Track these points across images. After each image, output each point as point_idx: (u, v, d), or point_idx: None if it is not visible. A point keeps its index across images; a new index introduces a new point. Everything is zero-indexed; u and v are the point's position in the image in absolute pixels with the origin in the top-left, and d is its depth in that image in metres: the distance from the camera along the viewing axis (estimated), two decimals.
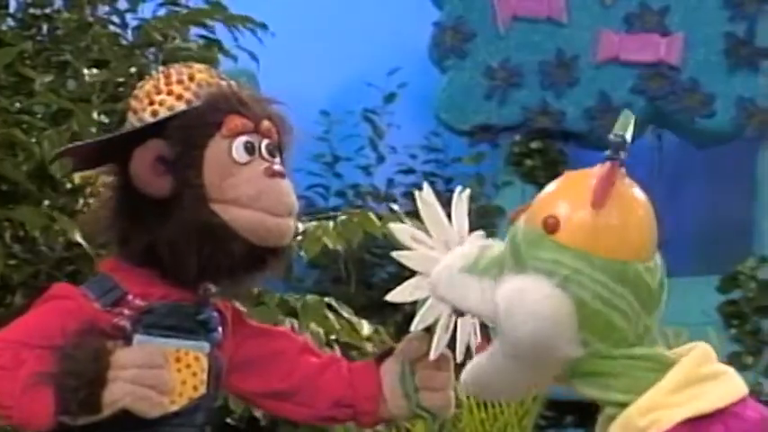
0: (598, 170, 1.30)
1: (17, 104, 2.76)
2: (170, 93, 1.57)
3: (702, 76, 5.51)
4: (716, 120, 5.52)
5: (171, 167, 1.55)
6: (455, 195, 1.57)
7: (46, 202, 2.71)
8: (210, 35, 2.96)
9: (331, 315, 2.77)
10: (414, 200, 1.66)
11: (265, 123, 1.60)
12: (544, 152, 5.54)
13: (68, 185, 2.79)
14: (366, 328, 2.84)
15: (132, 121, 1.61)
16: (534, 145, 5.51)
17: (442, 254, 1.51)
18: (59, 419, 1.49)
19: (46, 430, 1.50)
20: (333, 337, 2.72)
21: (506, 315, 1.22)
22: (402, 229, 1.62)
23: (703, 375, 1.22)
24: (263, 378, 1.68)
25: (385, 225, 2.80)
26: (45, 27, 3.05)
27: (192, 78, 1.58)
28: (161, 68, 1.64)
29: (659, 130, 5.83)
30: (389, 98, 5.72)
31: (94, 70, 2.83)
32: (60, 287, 1.63)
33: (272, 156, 1.60)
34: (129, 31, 3.03)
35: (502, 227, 5.77)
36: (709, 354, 1.26)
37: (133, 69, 2.86)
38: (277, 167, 1.59)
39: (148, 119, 1.57)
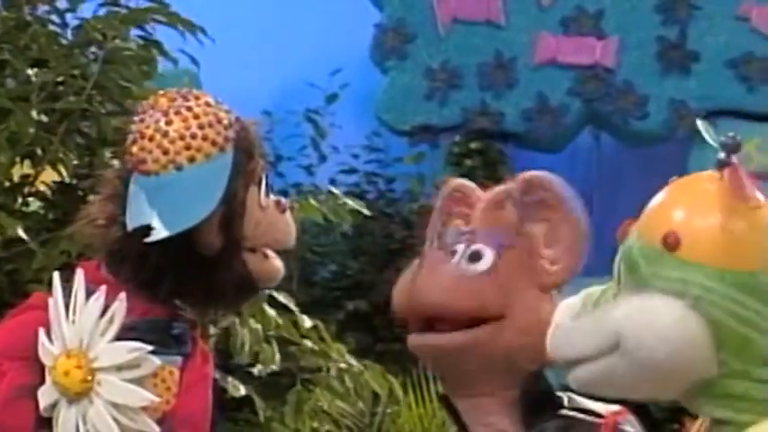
0: (710, 175, 1.17)
1: None
2: (205, 138, 1.57)
3: (636, 78, 5.64)
4: (649, 121, 5.66)
5: (224, 225, 1.57)
6: (90, 301, 1.54)
7: None
8: (150, 36, 2.97)
9: (272, 310, 2.80)
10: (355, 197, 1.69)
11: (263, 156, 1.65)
12: (483, 152, 5.62)
13: (7, 183, 2.78)
14: (307, 322, 2.87)
15: (159, 161, 1.57)
16: (474, 145, 5.59)
17: (57, 349, 1.53)
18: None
19: None
20: (270, 333, 2.76)
21: (634, 340, 1.14)
22: None
23: None
24: None
25: (324, 205, 2.83)
26: None
27: (218, 120, 1.59)
28: (177, 102, 1.60)
29: (597, 131, 5.95)
30: (331, 98, 5.76)
31: (34, 69, 2.82)
32: (39, 297, 1.64)
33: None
34: (69, 31, 3.03)
35: None
36: None
37: (76, 71, 2.86)
38: (283, 200, 1.64)
39: (184, 163, 1.56)
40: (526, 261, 1.52)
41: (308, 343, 2.87)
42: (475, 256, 1.52)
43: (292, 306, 2.85)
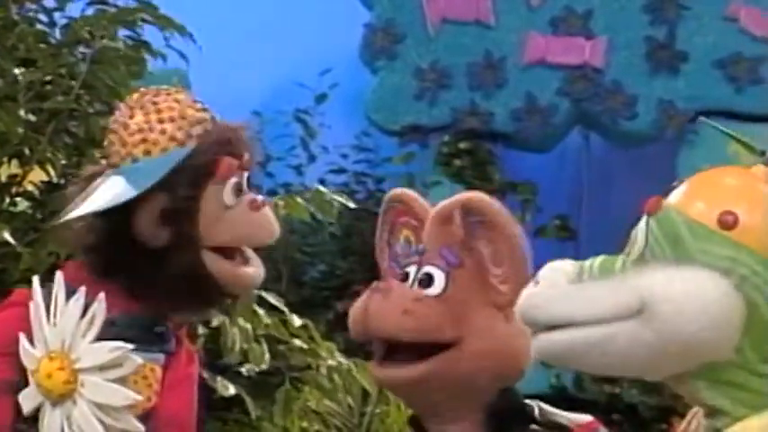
0: (760, 168, 1.22)
1: None
2: (163, 132, 1.58)
3: (625, 78, 5.66)
4: (638, 121, 5.68)
5: (170, 218, 1.58)
6: (71, 302, 1.54)
7: None
8: (139, 34, 2.96)
9: (261, 310, 2.80)
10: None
11: (246, 157, 1.62)
12: (473, 152, 5.63)
13: None
14: (297, 320, 2.87)
15: (119, 152, 1.60)
16: (463, 145, 5.60)
17: (39, 352, 1.53)
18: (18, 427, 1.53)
19: None
20: (260, 332, 2.76)
21: (673, 308, 1.15)
22: None
23: None
24: None
25: (311, 203, 2.83)
26: None
27: (183, 116, 1.59)
28: (146, 96, 1.63)
29: (586, 131, 5.97)
30: (321, 98, 5.76)
31: (21, 69, 2.82)
32: (21, 294, 1.64)
33: (249, 187, 1.63)
34: (57, 30, 3.02)
35: None
36: None
37: (64, 71, 2.86)
38: (260, 199, 1.62)
39: (140, 156, 1.58)
40: (477, 278, 1.52)
41: (298, 342, 2.87)
42: (427, 281, 1.53)
43: (282, 306, 2.85)
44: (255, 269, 1.62)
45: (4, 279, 2.60)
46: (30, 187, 2.85)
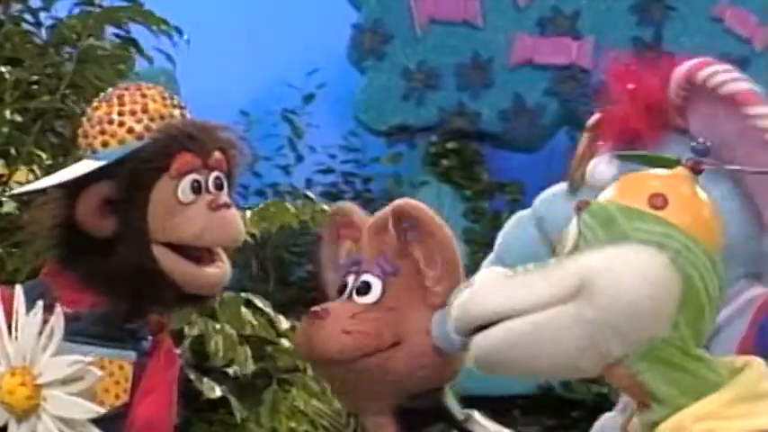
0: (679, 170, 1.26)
1: None
2: (122, 124, 1.58)
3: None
4: None
5: (116, 208, 1.57)
6: (30, 316, 1.54)
7: None
8: (126, 34, 2.96)
9: (247, 311, 2.79)
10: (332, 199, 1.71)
11: (215, 156, 1.60)
12: (460, 152, 5.64)
13: None
14: (284, 323, 2.87)
15: (82, 144, 1.62)
16: (450, 145, 5.61)
17: (2, 367, 1.54)
18: None
19: None
20: (247, 333, 2.75)
21: (612, 278, 1.17)
22: None
23: (762, 392, 1.20)
24: None
25: (300, 214, 2.84)
26: None
27: (145, 110, 1.59)
28: (116, 90, 1.64)
29: (573, 131, 5.99)
30: (309, 98, 5.76)
31: (8, 68, 2.81)
32: None
33: (220, 188, 1.60)
34: (43, 30, 3.02)
35: None
36: (766, 370, 1.24)
37: (50, 70, 2.85)
38: (221, 200, 1.59)
39: (98, 148, 1.59)
40: (413, 283, 1.57)
41: (285, 342, 2.87)
42: (365, 288, 1.57)
43: (268, 310, 2.85)
44: (216, 270, 1.59)
45: None
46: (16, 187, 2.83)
